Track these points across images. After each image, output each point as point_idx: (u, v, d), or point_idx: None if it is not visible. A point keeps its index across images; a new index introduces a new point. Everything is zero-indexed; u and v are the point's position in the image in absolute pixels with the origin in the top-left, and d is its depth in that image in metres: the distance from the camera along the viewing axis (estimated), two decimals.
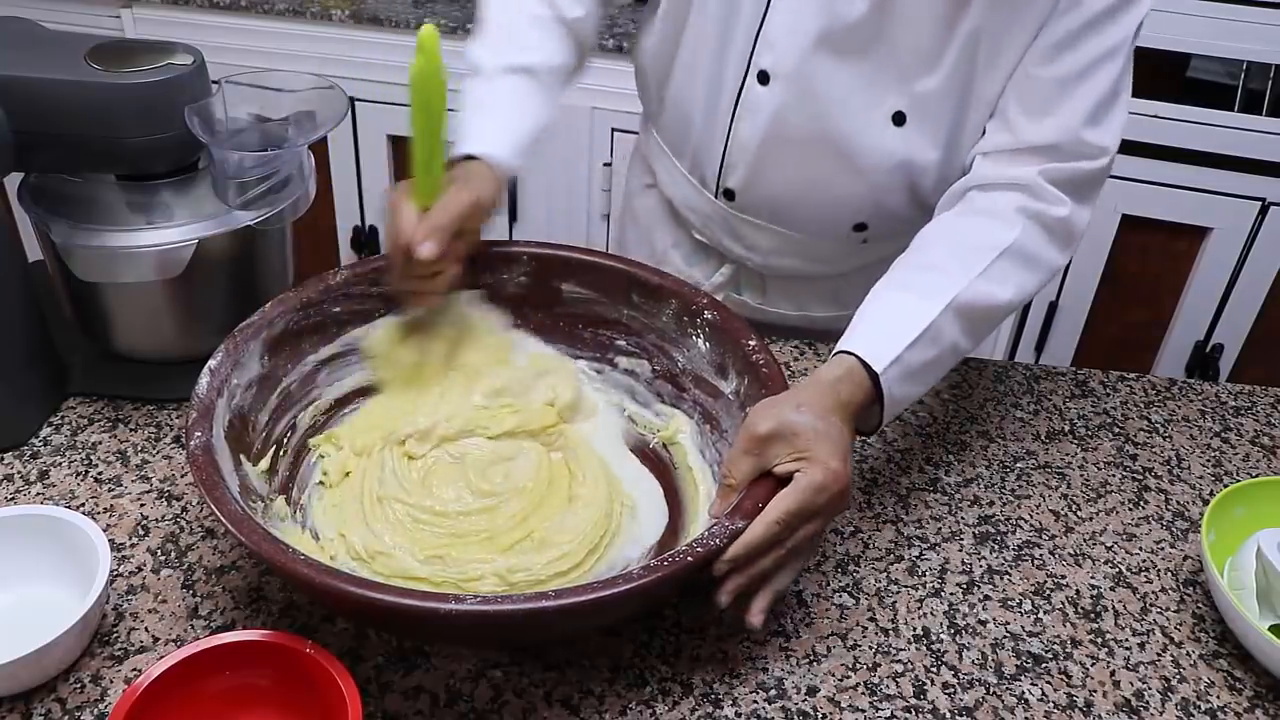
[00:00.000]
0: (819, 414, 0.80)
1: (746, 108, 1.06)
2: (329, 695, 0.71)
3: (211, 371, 0.84)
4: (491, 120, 1.00)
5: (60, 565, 0.82)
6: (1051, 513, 1.00)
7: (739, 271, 1.22)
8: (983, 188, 0.98)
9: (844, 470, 0.79)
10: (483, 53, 1.04)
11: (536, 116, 1.03)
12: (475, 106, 1.01)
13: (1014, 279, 0.94)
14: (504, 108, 1.01)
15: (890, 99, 1.01)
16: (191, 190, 0.99)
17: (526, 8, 1.07)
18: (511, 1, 1.07)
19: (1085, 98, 0.95)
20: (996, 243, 0.94)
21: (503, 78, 1.02)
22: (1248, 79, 1.95)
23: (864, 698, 0.81)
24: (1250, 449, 1.11)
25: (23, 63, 0.91)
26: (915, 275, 0.94)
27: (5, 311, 0.95)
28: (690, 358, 0.98)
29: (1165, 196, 2.02)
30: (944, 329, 0.90)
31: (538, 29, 1.06)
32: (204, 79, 0.97)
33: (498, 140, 0.99)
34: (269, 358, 0.90)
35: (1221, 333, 2.13)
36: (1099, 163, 0.97)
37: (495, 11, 1.07)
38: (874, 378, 0.85)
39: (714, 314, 0.96)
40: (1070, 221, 0.97)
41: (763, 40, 1.02)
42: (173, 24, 2.18)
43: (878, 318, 0.90)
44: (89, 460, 0.97)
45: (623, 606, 0.77)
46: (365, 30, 2.13)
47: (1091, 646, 0.87)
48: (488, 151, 0.97)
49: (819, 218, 1.12)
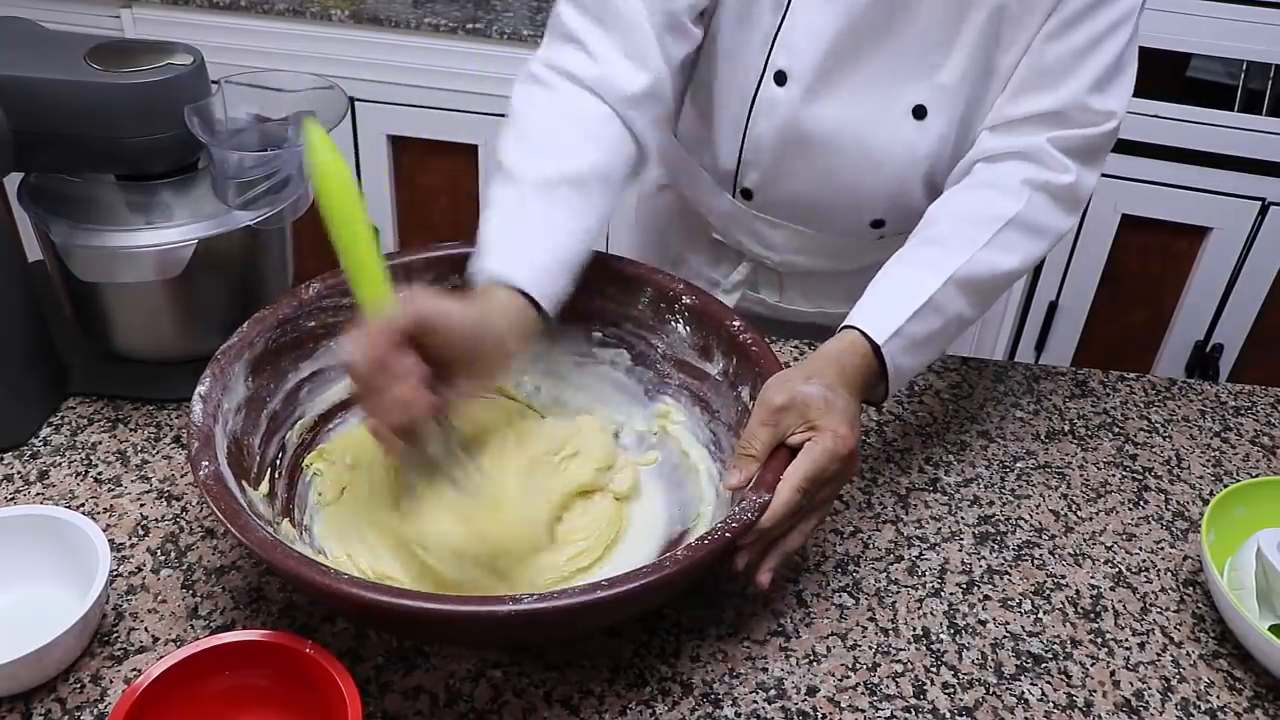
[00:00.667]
0: (828, 385, 0.84)
1: (763, 108, 1.06)
2: (329, 695, 0.71)
3: (203, 399, 0.82)
4: (510, 239, 0.86)
5: (60, 565, 0.82)
6: (1051, 513, 1.00)
7: (756, 270, 1.23)
8: (989, 160, 1.00)
9: (851, 435, 0.82)
10: (514, 158, 0.89)
11: (572, 231, 0.89)
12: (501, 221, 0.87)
13: (1020, 248, 0.97)
14: (528, 224, 0.87)
15: (909, 94, 1.01)
16: (191, 190, 1.00)
17: (572, 106, 0.92)
18: (551, 99, 0.93)
19: (1093, 67, 0.96)
20: (1001, 214, 0.96)
21: (535, 191, 0.88)
22: (1248, 79, 1.95)
23: (864, 698, 0.81)
24: (1250, 449, 1.11)
25: (22, 62, 0.91)
26: (919, 250, 0.96)
27: (5, 312, 0.95)
28: (670, 343, 0.98)
29: (1165, 196, 2.02)
30: (946, 301, 0.93)
31: (582, 127, 0.92)
32: (204, 79, 0.97)
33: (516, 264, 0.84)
34: (253, 379, 0.88)
35: (1221, 333, 2.13)
36: (1105, 127, 0.98)
37: (530, 109, 0.93)
38: (877, 350, 0.89)
39: (692, 298, 0.97)
40: (1076, 186, 0.99)
41: (780, 41, 1.02)
42: (172, 24, 2.18)
43: (881, 292, 0.94)
44: (89, 460, 0.97)
45: (642, 600, 0.77)
46: (365, 30, 2.13)
47: (1091, 646, 0.87)
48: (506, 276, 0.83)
49: (837, 216, 1.12)
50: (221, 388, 0.84)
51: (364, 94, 2.14)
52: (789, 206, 1.13)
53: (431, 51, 2.11)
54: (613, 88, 0.94)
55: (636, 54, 0.94)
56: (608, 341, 1.01)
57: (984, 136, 1.01)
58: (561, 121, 0.93)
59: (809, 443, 0.81)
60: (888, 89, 1.02)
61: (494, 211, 0.88)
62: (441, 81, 2.13)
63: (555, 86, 0.94)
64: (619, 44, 0.94)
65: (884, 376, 0.90)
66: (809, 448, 0.81)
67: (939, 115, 1.02)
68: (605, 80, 0.93)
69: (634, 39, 0.94)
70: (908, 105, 1.02)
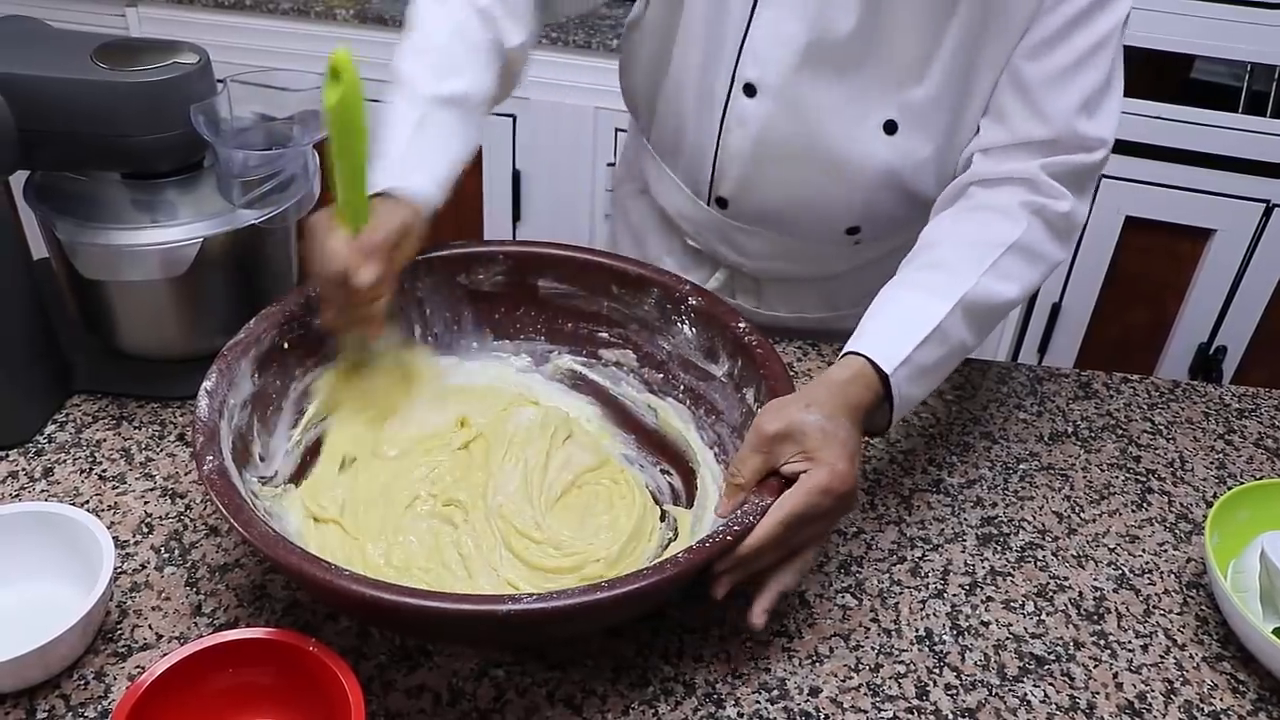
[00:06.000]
0: (828, 415, 0.80)
1: (734, 120, 1.06)
2: (332, 693, 0.71)
3: (209, 393, 0.82)
4: (417, 154, 0.93)
5: (64, 562, 0.82)
6: (1054, 514, 1.00)
7: (733, 277, 1.22)
8: (984, 183, 0.98)
9: (850, 472, 0.79)
10: (416, 71, 0.96)
11: (461, 150, 0.97)
12: (403, 137, 0.93)
13: (1019, 275, 0.95)
14: (432, 141, 0.94)
15: (880, 110, 1.01)
16: (196, 189, 1.00)
17: (468, 31, 0.99)
18: (450, 18, 0.99)
19: (1077, 91, 0.95)
20: (1003, 239, 0.94)
21: (435, 108, 0.95)
22: (1252, 81, 1.95)
23: (866, 698, 0.81)
24: (1254, 451, 1.11)
25: (29, 61, 0.91)
26: (923, 274, 0.94)
27: (10, 309, 0.96)
28: (676, 344, 0.98)
29: (1169, 198, 2.02)
30: (952, 328, 0.90)
31: (476, 55, 0.99)
32: (209, 78, 0.97)
33: (424, 176, 0.92)
34: (259, 375, 0.88)
35: (1225, 335, 2.12)
36: (1096, 155, 0.98)
37: (431, 26, 0.99)
38: (884, 379, 0.85)
39: (699, 299, 0.97)
40: (1071, 216, 0.98)
41: (747, 53, 1.02)
42: (178, 23, 2.19)
43: (887, 318, 0.90)
44: (93, 458, 0.97)
45: (642, 601, 0.77)
46: (369, 29, 2.13)
47: (1094, 648, 0.87)
48: (415, 188, 0.90)
49: (812, 224, 1.12)
50: (228, 383, 0.84)
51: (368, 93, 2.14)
52: (764, 215, 1.13)
53: None
54: (495, 24, 1.00)
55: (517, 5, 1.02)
56: (613, 342, 1.01)
57: (977, 159, 1.00)
58: (456, 42, 0.99)
59: (804, 475, 0.78)
60: (859, 103, 1.01)
61: (398, 124, 0.94)
62: None
63: (452, 3, 0.99)
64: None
65: (888, 406, 0.87)
66: (803, 480, 0.78)
67: (911, 130, 1.02)
68: (490, 14, 1.00)
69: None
70: (879, 121, 1.01)
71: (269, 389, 0.90)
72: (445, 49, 0.98)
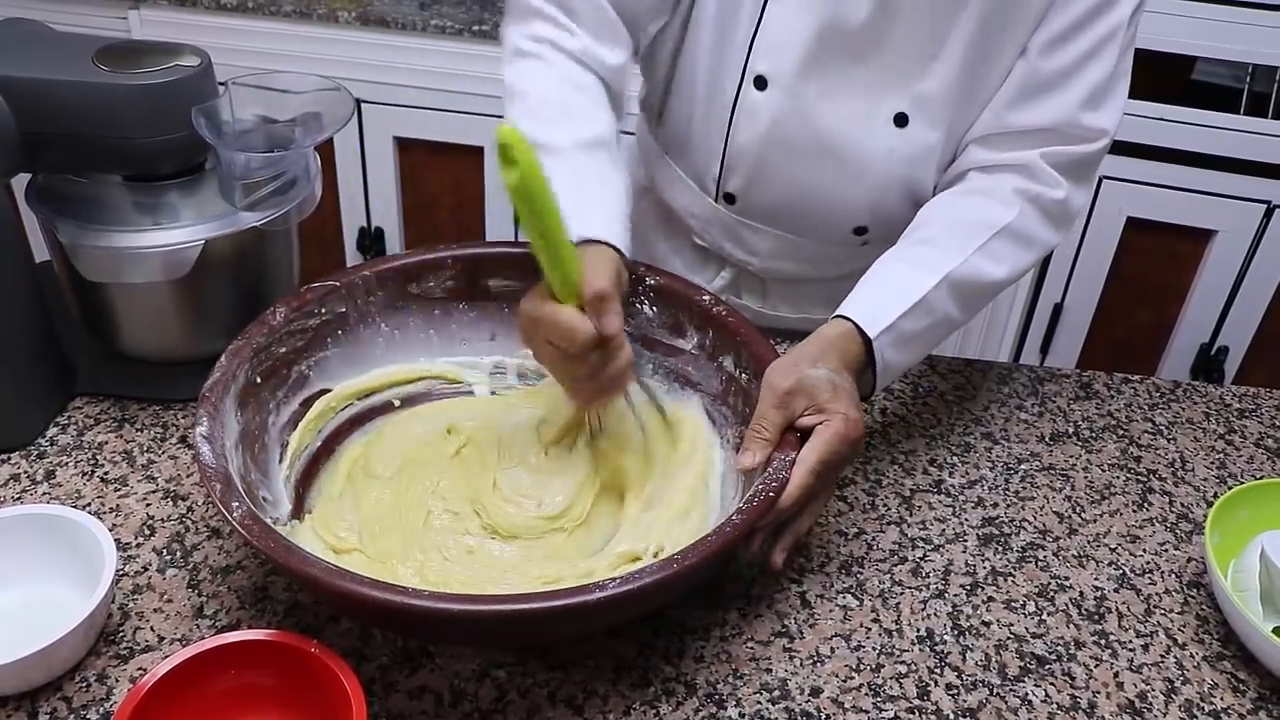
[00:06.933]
0: (834, 368, 0.86)
1: (744, 113, 1.06)
2: (334, 695, 0.71)
3: (208, 439, 0.80)
4: (588, 201, 0.90)
5: (66, 564, 0.83)
6: (1055, 514, 1.00)
7: (739, 276, 1.22)
8: (983, 169, 1.01)
9: (860, 419, 0.85)
10: (543, 130, 0.93)
11: (620, 186, 0.95)
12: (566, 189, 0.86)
13: (1009, 257, 0.98)
14: (595, 186, 0.93)
15: (891, 102, 1.02)
16: (198, 191, 1.00)
17: (575, 76, 0.98)
18: (552, 72, 0.98)
19: (1085, 83, 0.96)
20: (994, 221, 0.97)
21: (580, 155, 0.93)
22: (1253, 82, 1.95)
23: (867, 699, 0.81)
24: (1255, 451, 1.11)
25: (30, 63, 0.92)
26: (913, 249, 0.97)
27: (12, 311, 0.96)
28: (638, 324, 0.99)
29: (1170, 199, 2.02)
30: (937, 301, 0.94)
31: (591, 96, 0.98)
32: (211, 80, 0.97)
33: (602, 217, 0.90)
34: (240, 414, 0.86)
35: (1226, 335, 2.12)
36: (1097, 145, 0.99)
37: (537, 85, 0.97)
38: (867, 342, 0.90)
39: (656, 279, 0.98)
40: (1067, 203, 1.00)
41: (758, 45, 1.02)
42: (180, 25, 2.19)
43: (874, 287, 0.95)
44: (95, 460, 0.97)
45: (643, 601, 0.77)
46: (372, 32, 2.13)
47: (1095, 648, 0.87)
48: (601, 231, 0.88)
49: (820, 222, 1.12)
50: (220, 426, 0.82)
51: (370, 96, 2.15)
52: (772, 212, 1.13)
53: (438, 53, 2.11)
54: (596, 58, 0.99)
55: (606, 29, 1.00)
56: None
57: (974, 148, 1.02)
58: (570, 91, 0.98)
59: (820, 426, 0.83)
60: (870, 96, 1.02)
61: (554, 181, 0.87)
62: (448, 83, 2.13)
63: (548, 59, 0.98)
64: (589, 22, 0.99)
65: (871, 372, 0.92)
66: (820, 430, 0.83)
67: (921, 123, 1.02)
68: (589, 52, 0.99)
69: (600, 16, 0.99)
70: (889, 113, 1.02)
71: (251, 426, 0.87)
72: (562, 101, 0.97)
